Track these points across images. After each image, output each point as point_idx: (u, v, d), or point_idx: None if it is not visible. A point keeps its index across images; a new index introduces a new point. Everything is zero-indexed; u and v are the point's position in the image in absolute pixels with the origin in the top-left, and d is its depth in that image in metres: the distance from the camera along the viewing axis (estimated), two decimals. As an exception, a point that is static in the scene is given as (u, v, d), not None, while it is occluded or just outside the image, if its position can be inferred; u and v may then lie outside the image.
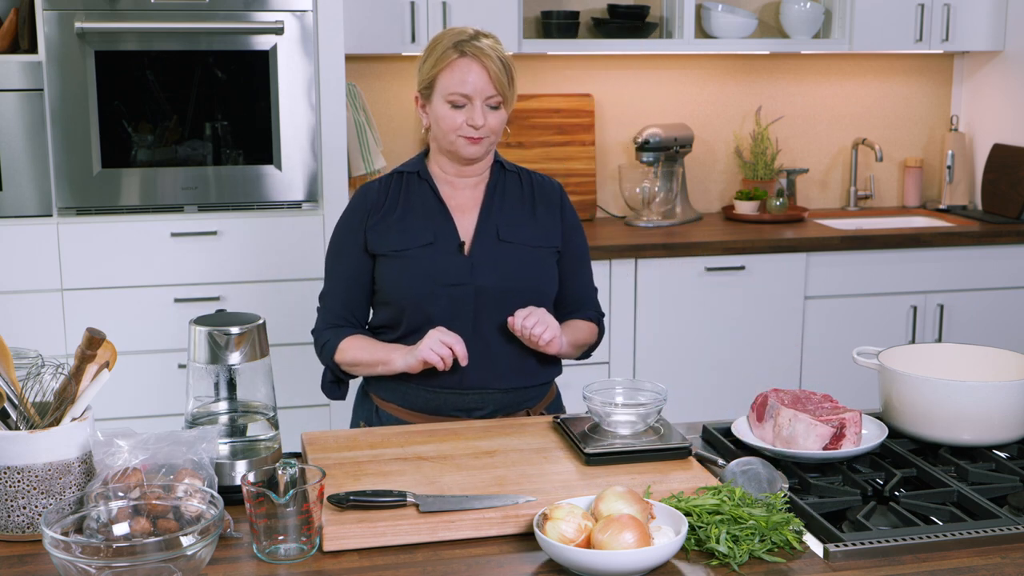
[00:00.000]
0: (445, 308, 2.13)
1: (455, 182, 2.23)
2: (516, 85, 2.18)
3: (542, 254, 2.22)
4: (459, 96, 2.12)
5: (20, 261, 3.37)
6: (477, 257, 2.17)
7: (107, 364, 1.71)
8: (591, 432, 1.93)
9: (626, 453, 1.85)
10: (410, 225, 2.18)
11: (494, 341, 2.17)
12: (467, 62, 2.11)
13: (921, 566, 1.55)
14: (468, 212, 2.22)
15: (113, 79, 3.34)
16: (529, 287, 2.19)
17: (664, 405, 1.95)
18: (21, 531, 1.62)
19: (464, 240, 2.19)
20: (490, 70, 2.11)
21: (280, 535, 1.56)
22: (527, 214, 2.24)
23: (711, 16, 4.11)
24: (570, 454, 1.91)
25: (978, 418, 1.93)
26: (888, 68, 4.48)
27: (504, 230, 2.20)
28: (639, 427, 1.92)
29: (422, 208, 2.20)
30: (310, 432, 2.01)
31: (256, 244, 3.49)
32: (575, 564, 1.50)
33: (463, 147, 2.16)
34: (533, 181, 2.28)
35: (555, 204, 2.27)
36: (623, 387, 2.00)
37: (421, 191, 2.22)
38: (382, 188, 2.23)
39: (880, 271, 3.93)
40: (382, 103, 4.07)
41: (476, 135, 2.13)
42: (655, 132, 4.07)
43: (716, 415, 3.51)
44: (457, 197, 2.22)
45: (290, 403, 3.47)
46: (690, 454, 1.88)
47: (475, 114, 2.12)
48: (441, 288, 2.14)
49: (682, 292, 3.80)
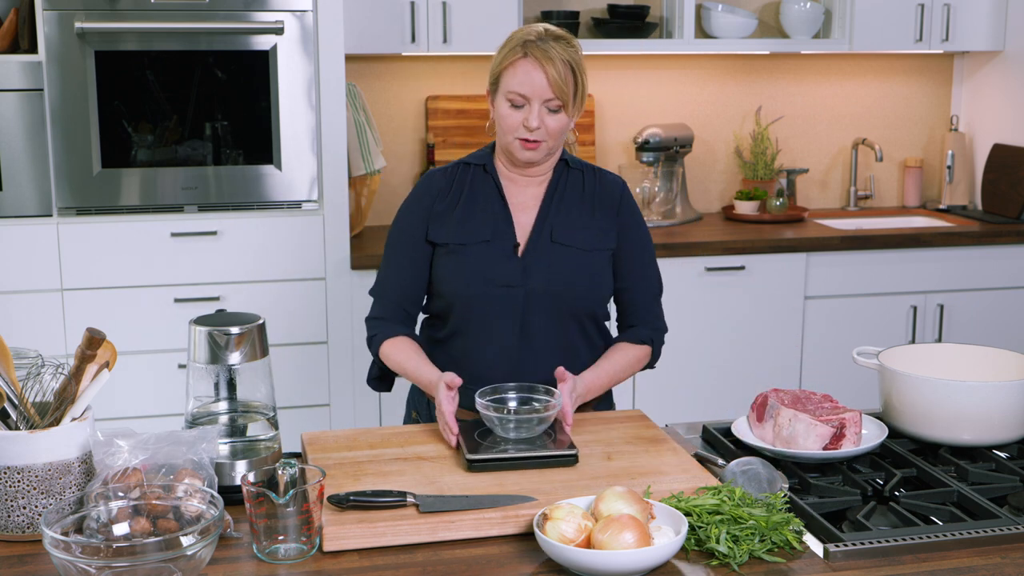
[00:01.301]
0: (494, 308, 2.12)
1: (518, 179, 2.21)
2: (584, 89, 2.14)
3: (595, 257, 2.19)
4: (517, 96, 2.09)
5: (20, 261, 3.37)
6: (530, 259, 2.15)
7: (107, 364, 1.71)
8: (480, 438, 1.90)
9: (510, 460, 1.82)
10: (470, 218, 2.17)
11: (541, 342, 2.15)
12: (529, 63, 2.08)
13: (921, 566, 1.55)
14: (528, 210, 2.20)
15: (113, 79, 3.34)
16: (581, 291, 2.16)
17: (556, 411, 1.91)
18: (21, 531, 1.62)
19: (520, 240, 2.17)
20: (549, 74, 2.07)
21: (280, 535, 1.56)
22: (585, 215, 2.20)
23: (711, 16, 4.11)
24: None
25: (978, 418, 1.93)
26: (888, 68, 4.48)
27: (558, 232, 2.17)
28: (530, 433, 1.89)
29: (484, 202, 2.19)
30: (310, 432, 2.01)
31: (256, 244, 3.49)
32: (575, 564, 1.50)
33: (517, 150, 2.13)
34: (596, 179, 2.25)
35: (614, 203, 2.23)
36: (516, 392, 1.98)
37: (485, 185, 2.20)
38: (447, 177, 2.22)
39: (880, 271, 3.93)
40: (382, 103, 4.08)
41: (531, 137, 2.10)
42: (655, 132, 4.07)
43: (716, 415, 3.51)
44: (519, 195, 2.21)
45: (290, 403, 3.47)
46: (576, 462, 1.84)
47: (531, 115, 2.09)
48: (493, 289, 2.13)
49: (682, 292, 3.80)
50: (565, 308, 2.15)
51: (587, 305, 2.17)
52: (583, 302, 2.17)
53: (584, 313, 2.18)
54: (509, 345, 2.14)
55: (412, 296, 2.22)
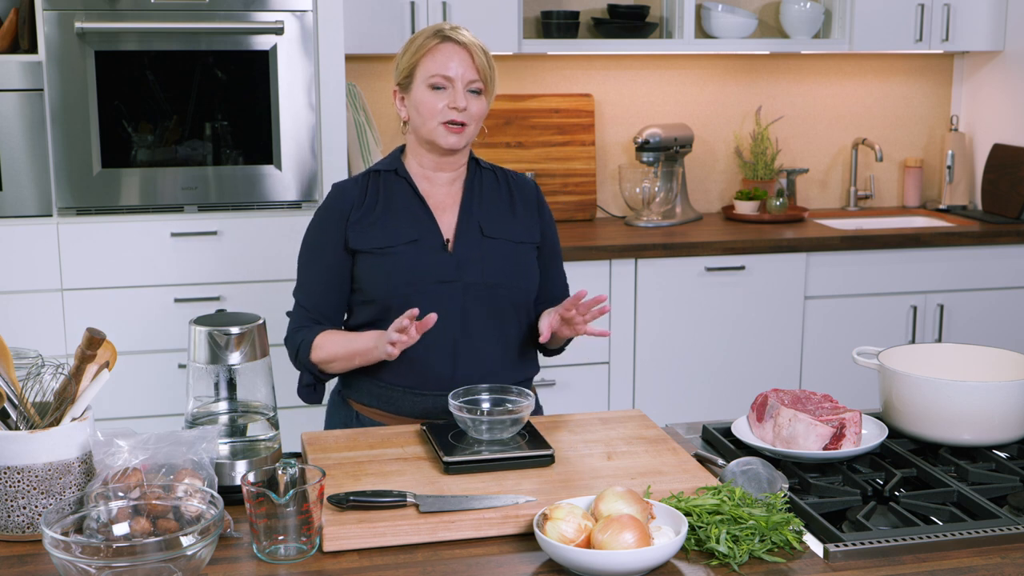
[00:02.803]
0: (432, 305, 2.11)
1: (433, 178, 2.21)
2: (496, 78, 2.18)
3: (525, 249, 2.23)
4: (441, 78, 2.11)
5: (20, 261, 3.37)
6: (462, 254, 2.16)
7: (107, 364, 1.71)
8: (454, 440, 1.90)
9: (487, 461, 1.82)
10: (392, 222, 2.17)
11: (481, 338, 2.16)
12: (450, 46, 2.12)
13: (921, 566, 1.55)
14: (448, 209, 2.21)
15: (113, 79, 3.34)
16: (516, 282, 2.19)
17: (529, 412, 1.92)
18: (21, 531, 1.62)
19: (448, 237, 2.18)
20: (474, 55, 2.12)
21: (280, 535, 1.56)
22: (507, 211, 2.24)
23: (711, 16, 4.11)
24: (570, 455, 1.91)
25: (978, 418, 1.93)
26: (888, 68, 4.48)
27: (487, 226, 2.19)
28: (504, 434, 1.89)
29: (403, 206, 2.19)
30: (310, 432, 2.01)
31: (256, 244, 3.49)
32: (575, 564, 1.50)
33: (442, 136, 2.13)
34: (509, 178, 2.29)
35: (532, 201, 2.28)
36: (489, 393, 1.98)
37: (400, 189, 2.20)
38: (359, 186, 2.21)
39: (880, 271, 3.93)
40: (382, 103, 4.07)
41: (457, 118, 2.12)
42: (655, 132, 4.07)
43: (716, 415, 3.51)
44: (436, 195, 2.21)
45: (290, 403, 3.46)
46: (552, 462, 1.85)
47: (457, 96, 2.11)
48: (428, 285, 2.13)
49: (682, 292, 3.80)
50: (501, 300, 2.17)
51: (522, 296, 2.20)
52: (519, 293, 2.19)
53: (520, 304, 2.21)
54: (449, 341, 2.13)
55: (334, 305, 2.21)
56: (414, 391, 2.16)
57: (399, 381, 2.16)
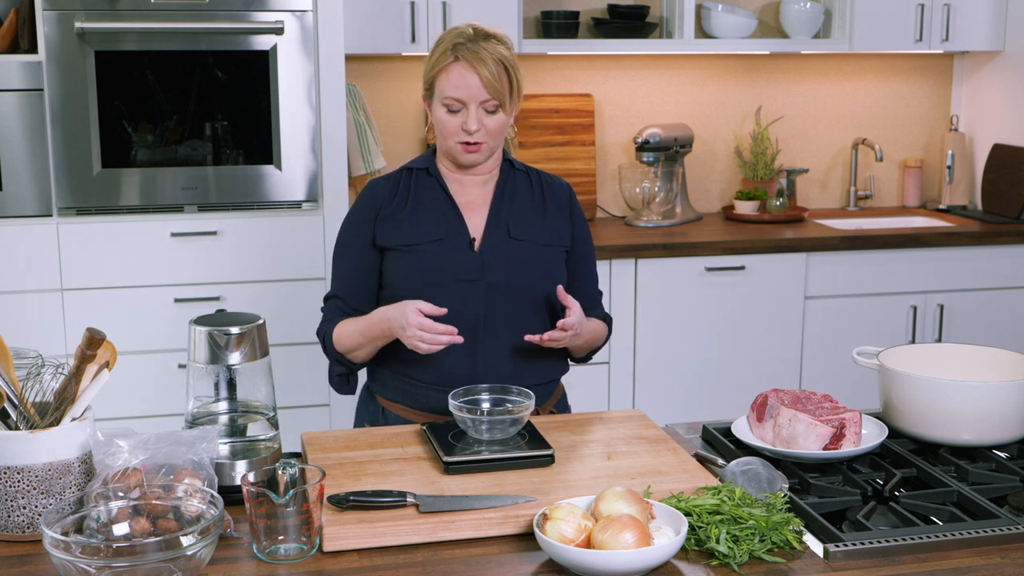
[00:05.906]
0: (455, 303, 2.11)
1: (463, 180, 2.23)
2: (520, 85, 2.15)
3: (553, 252, 2.22)
4: (454, 101, 2.11)
5: (20, 261, 3.37)
6: (488, 254, 2.17)
7: (107, 364, 1.71)
8: (454, 440, 1.90)
9: (487, 461, 1.82)
10: (420, 220, 2.18)
11: (504, 338, 2.16)
12: (461, 67, 2.09)
13: (921, 566, 1.55)
14: (478, 210, 2.21)
15: (113, 79, 3.34)
16: (540, 284, 2.19)
17: (529, 412, 1.92)
18: (21, 531, 1.62)
19: (474, 237, 2.18)
20: (482, 76, 2.08)
21: (280, 535, 1.56)
22: (537, 213, 2.24)
23: (711, 16, 4.11)
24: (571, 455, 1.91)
25: (978, 418, 1.93)
26: (888, 68, 4.48)
27: (515, 228, 2.20)
28: (504, 434, 1.89)
29: (432, 204, 2.20)
30: (310, 432, 2.01)
31: (256, 244, 3.49)
32: (575, 564, 1.50)
33: (460, 154, 2.16)
34: (543, 181, 2.28)
35: (565, 204, 2.27)
36: (489, 394, 1.98)
37: (431, 188, 2.22)
38: (391, 184, 2.23)
39: (880, 271, 3.93)
40: (382, 103, 4.07)
41: (472, 140, 2.12)
42: (655, 132, 4.07)
43: (716, 415, 3.51)
44: (466, 195, 2.22)
45: (290, 403, 3.47)
46: (552, 462, 1.85)
47: (469, 119, 2.10)
48: (452, 283, 2.14)
49: (682, 292, 3.80)
50: (525, 302, 2.17)
51: (547, 298, 2.20)
52: (543, 295, 2.19)
53: (544, 306, 2.21)
54: (470, 341, 2.13)
55: (364, 301, 2.22)
56: (436, 388, 2.16)
57: (422, 377, 2.17)
